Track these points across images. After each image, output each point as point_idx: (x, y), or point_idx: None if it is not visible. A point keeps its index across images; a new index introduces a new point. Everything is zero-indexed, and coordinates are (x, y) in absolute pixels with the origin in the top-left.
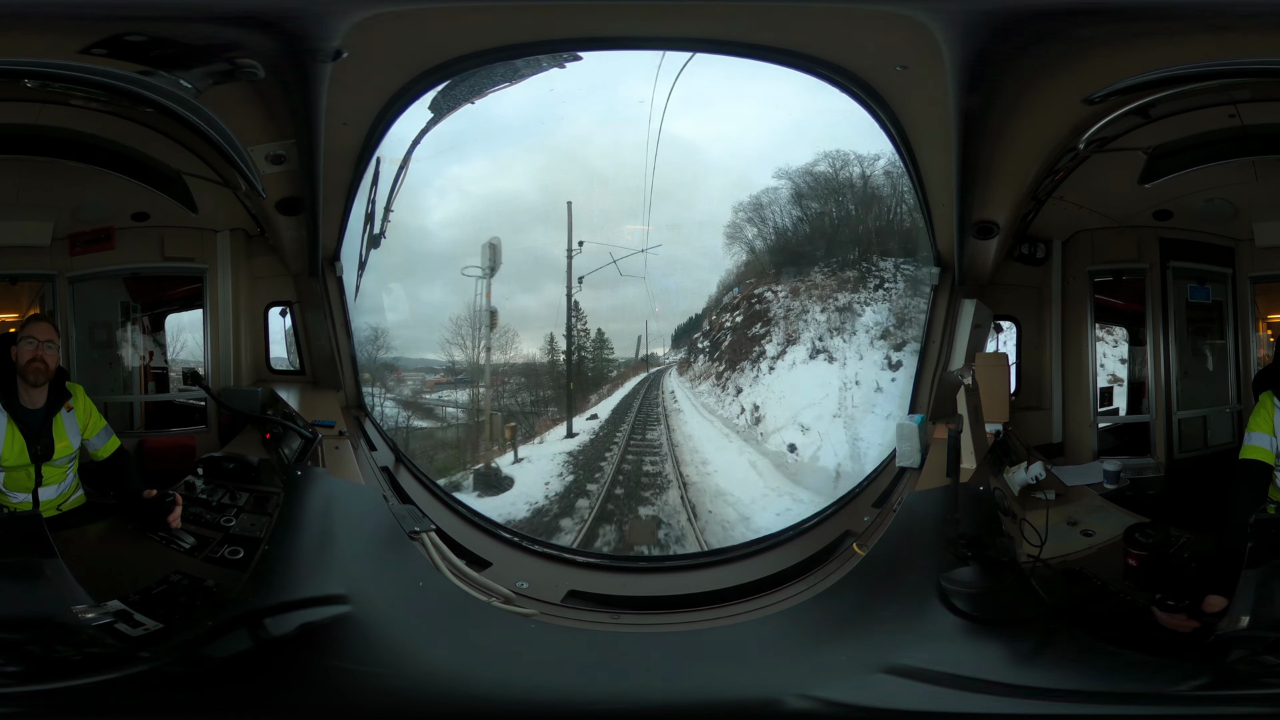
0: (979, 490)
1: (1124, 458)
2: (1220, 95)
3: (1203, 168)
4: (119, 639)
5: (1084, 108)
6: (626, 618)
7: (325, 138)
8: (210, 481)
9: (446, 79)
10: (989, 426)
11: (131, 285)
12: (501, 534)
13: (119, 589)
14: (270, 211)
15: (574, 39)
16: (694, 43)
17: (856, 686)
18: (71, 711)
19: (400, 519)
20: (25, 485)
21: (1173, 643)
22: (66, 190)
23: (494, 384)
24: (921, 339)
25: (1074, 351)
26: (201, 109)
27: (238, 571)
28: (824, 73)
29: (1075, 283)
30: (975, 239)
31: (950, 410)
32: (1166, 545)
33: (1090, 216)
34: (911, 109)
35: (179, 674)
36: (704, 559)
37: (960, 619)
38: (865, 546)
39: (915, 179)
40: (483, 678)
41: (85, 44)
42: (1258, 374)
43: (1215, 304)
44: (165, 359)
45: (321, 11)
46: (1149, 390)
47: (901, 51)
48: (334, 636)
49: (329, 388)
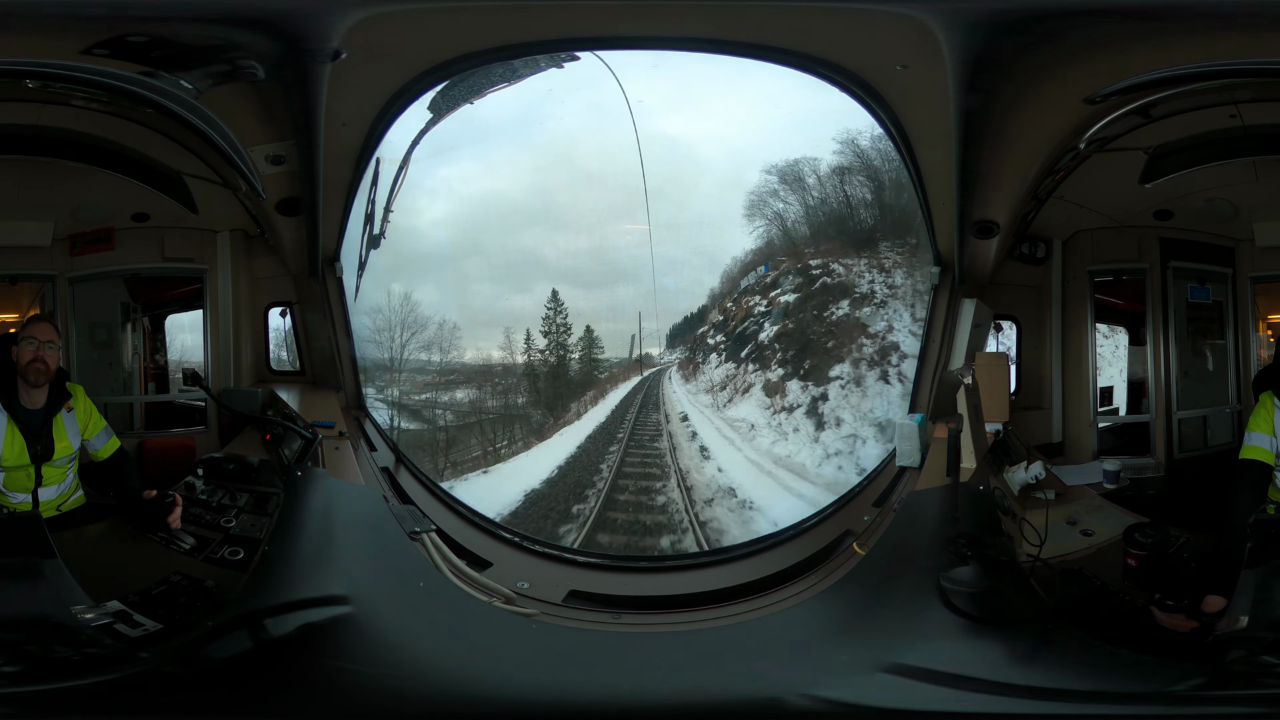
0: (979, 490)
1: (1124, 457)
2: (1221, 95)
3: (1203, 168)
4: (118, 639)
5: (1085, 107)
6: (628, 618)
7: (325, 138)
8: (210, 482)
9: (445, 79)
10: (989, 426)
11: (132, 286)
12: (502, 534)
13: (118, 590)
14: (270, 212)
15: (573, 39)
16: (694, 42)
17: (857, 685)
18: (71, 712)
19: (401, 519)
20: (25, 485)
21: (1171, 643)
22: (67, 191)
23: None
24: (921, 338)
25: (1074, 351)
26: (202, 109)
27: (238, 572)
28: (824, 72)
29: (1075, 282)
30: (975, 238)
31: (950, 409)
32: (1166, 545)
33: (1090, 216)
34: (912, 108)
35: (179, 675)
36: (705, 559)
37: (960, 618)
38: (865, 546)
39: (915, 178)
40: (484, 678)
41: (87, 44)
42: (1258, 374)
43: (1215, 304)
44: (165, 359)
45: (320, 11)
46: (1149, 390)
47: (902, 51)
48: (335, 637)
49: (329, 388)
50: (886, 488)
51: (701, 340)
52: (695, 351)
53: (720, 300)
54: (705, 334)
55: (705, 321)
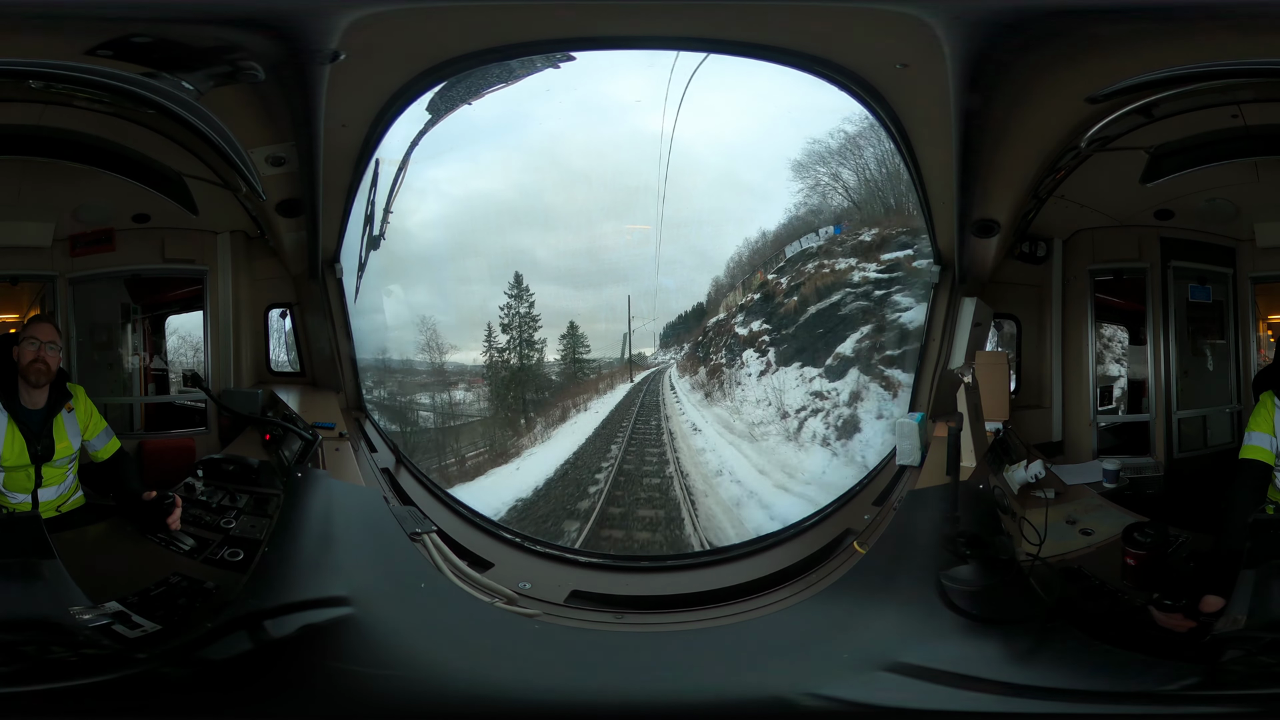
0: (979, 488)
1: (1123, 457)
2: (1224, 95)
3: (1205, 168)
4: (116, 640)
5: (1086, 106)
6: (630, 617)
7: (325, 139)
8: (210, 483)
9: (443, 80)
10: (989, 425)
11: (132, 287)
12: (503, 534)
13: (117, 591)
14: (270, 213)
15: (572, 39)
16: (693, 42)
17: (858, 684)
18: (67, 713)
19: (401, 520)
20: (25, 486)
21: (1168, 642)
22: (68, 191)
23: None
24: (922, 337)
25: (1074, 350)
26: (203, 111)
27: (238, 573)
28: (824, 71)
29: (1076, 281)
30: (976, 237)
31: (950, 408)
32: (1165, 545)
33: (1091, 215)
34: (911, 106)
35: (176, 676)
36: (706, 558)
37: (960, 617)
38: (866, 545)
39: (915, 176)
40: (488, 679)
41: (92, 45)
42: (1258, 374)
43: (1216, 304)
44: (165, 360)
45: (319, 12)
46: (1149, 390)
47: (902, 50)
48: (336, 638)
49: (329, 389)
50: (886, 486)
51: (725, 330)
52: (704, 349)
53: (747, 274)
54: (724, 323)
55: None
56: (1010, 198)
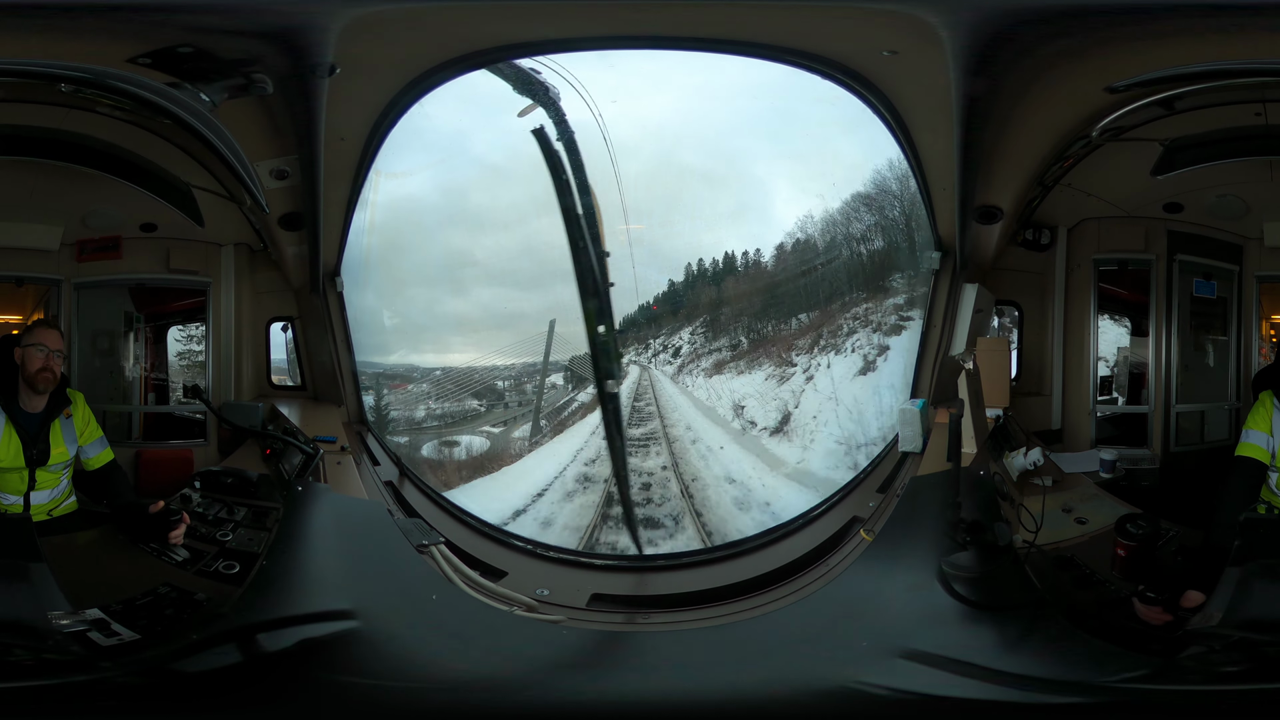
0: (979, 475)
1: (1120, 448)
2: (1250, 93)
3: (1219, 163)
4: (85, 647)
5: (1105, 95)
6: (655, 616)
7: (325, 153)
8: (207, 495)
9: (432, 89)
10: (989, 411)
11: (136, 295)
12: (514, 542)
13: (102, 598)
14: (273, 226)
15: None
16: (691, 41)
17: (877, 671)
18: (19, 715)
19: (407, 533)
20: (18, 488)
21: (1142, 635)
22: (78, 196)
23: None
24: (923, 323)
25: (1075, 339)
26: (215, 123)
27: (232, 586)
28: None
29: (1080, 270)
30: (978, 223)
31: (952, 395)
32: (1156, 538)
33: (1098, 205)
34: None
35: (138, 685)
36: (719, 553)
37: (959, 603)
38: (872, 532)
39: (914, 162)
40: (518, 685)
41: (137, 53)
42: (1258, 373)
43: (1220, 300)
44: (166, 370)
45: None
46: (1149, 382)
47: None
48: (340, 652)
49: (330, 403)
50: (890, 473)
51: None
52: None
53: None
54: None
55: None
56: (1014, 184)
